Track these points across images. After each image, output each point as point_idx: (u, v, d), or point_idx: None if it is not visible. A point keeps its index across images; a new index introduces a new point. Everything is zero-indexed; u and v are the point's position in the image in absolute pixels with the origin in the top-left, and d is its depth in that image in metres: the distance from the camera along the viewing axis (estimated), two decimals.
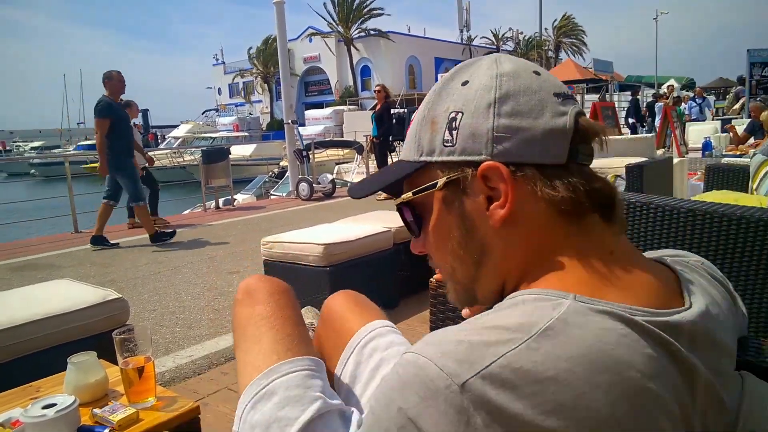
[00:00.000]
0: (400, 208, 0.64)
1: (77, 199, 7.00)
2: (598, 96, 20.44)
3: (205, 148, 10.21)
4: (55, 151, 38.72)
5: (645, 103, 15.82)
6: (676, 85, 21.52)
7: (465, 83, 0.58)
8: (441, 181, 0.58)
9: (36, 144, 50.01)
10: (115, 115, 5.18)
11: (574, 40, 48.76)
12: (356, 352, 0.94)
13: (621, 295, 0.50)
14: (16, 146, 50.49)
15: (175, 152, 22.54)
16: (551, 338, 0.45)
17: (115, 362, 1.58)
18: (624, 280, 0.52)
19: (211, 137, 27.48)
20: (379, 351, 0.92)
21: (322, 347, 1.01)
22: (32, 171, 30.20)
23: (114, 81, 5.23)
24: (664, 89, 19.63)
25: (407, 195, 0.61)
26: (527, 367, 0.43)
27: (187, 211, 9.59)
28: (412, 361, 0.46)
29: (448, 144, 0.56)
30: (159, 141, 35.28)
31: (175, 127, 35.05)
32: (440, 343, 0.47)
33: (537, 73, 0.57)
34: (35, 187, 25.17)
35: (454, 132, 0.56)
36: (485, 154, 0.54)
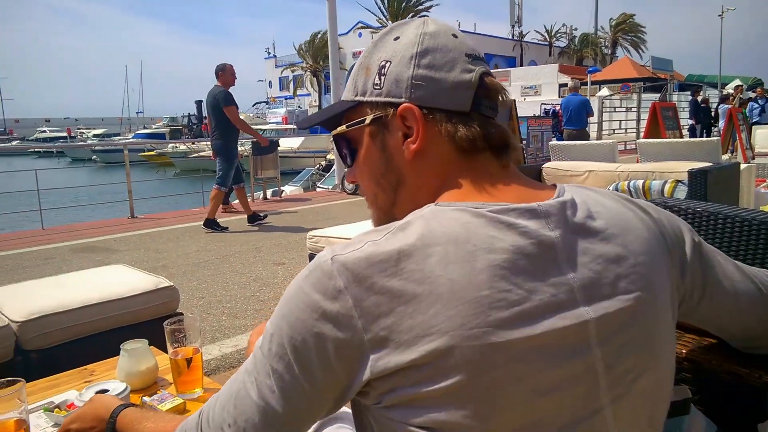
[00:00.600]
0: (336, 141, 0.73)
1: (133, 186, 7.25)
2: (658, 96, 19.66)
3: (254, 140, 10.38)
4: (115, 138, 40.48)
5: (715, 106, 14.94)
6: (743, 85, 20.41)
7: (396, 38, 0.68)
8: (369, 118, 0.68)
9: (98, 131, 52.49)
10: (234, 103, 5.58)
11: (632, 38, 47.00)
12: None
13: (482, 199, 0.62)
14: (80, 133, 53.10)
15: None
16: (406, 229, 0.57)
17: (165, 350, 1.62)
18: (492, 192, 0.64)
19: (261, 129, 28.01)
20: None
21: None
22: (93, 157, 31.68)
23: (227, 74, 5.65)
24: (729, 90, 18.65)
25: (342, 128, 0.72)
26: (383, 248, 0.56)
27: (235, 201, 9.80)
28: None
29: (377, 87, 0.67)
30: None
31: None
32: (335, 244, 0.62)
33: (455, 36, 0.68)
34: (96, 173, 26.40)
35: (383, 78, 0.67)
36: (404, 98, 0.65)
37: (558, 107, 14.33)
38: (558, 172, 4.80)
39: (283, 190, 9.92)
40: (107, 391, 1.22)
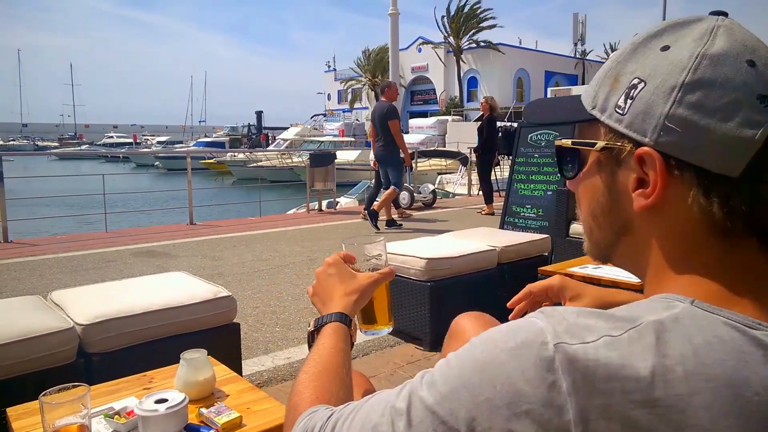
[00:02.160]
0: (558, 147, 0.63)
1: (194, 193, 7.48)
2: None
3: (312, 151, 10.55)
4: (177, 146, 42.30)
5: None
6: None
7: (665, 48, 0.51)
8: (600, 144, 0.56)
9: (162, 138, 55.08)
10: (398, 117, 6.38)
11: None
12: None
13: (750, 311, 0.47)
14: (145, 140, 55.90)
15: (284, 153, 23.69)
16: (656, 333, 0.44)
17: (223, 360, 1.62)
18: (757, 301, 0.48)
19: (318, 141, 28.54)
20: None
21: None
22: (156, 163, 33.15)
23: (392, 90, 6.45)
24: None
25: (567, 142, 0.61)
26: (625, 354, 0.43)
27: (291, 211, 9.97)
28: (522, 318, 0.49)
29: (619, 111, 0.53)
30: (270, 142, 37.33)
31: (285, 129, 36.88)
32: (551, 314, 0.48)
33: (751, 63, 0.48)
34: (158, 179, 27.62)
35: (629, 101, 0.52)
36: (649, 139, 0.50)
37: None
38: None
39: (338, 202, 10.01)
40: (166, 401, 1.22)
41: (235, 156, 27.41)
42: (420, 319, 2.86)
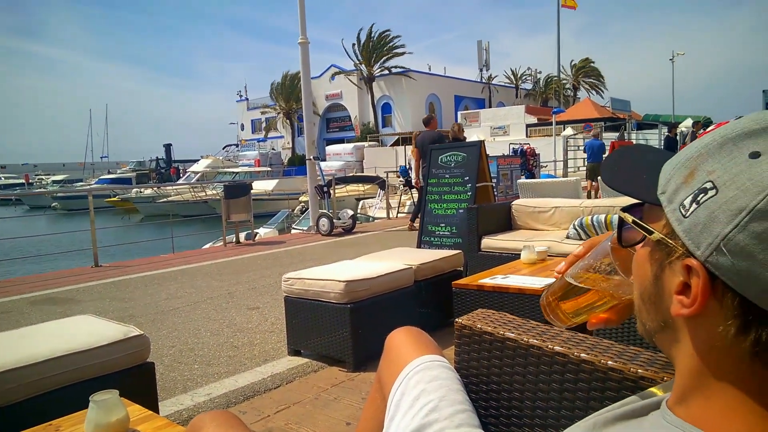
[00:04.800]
0: (620, 218, 0.60)
1: (97, 233, 7.08)
2: (617, 135, 20.41)
3: (226, 183, 10.35)
4: (77, 184, 39.64)
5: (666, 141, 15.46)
6: (690, 122, 21.39)
7: (754, 155, 0.45)
8: (655, 236, 0.53)
9: (58, 177, 51.16)
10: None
11: (592, 80, 49.04)
12: (404, 382, 1.00)
13: None
14: (39, 179, 51.71)
15: (196, 186, 22.97)
16: None
17: (137, 400, 1.57)
18: None
19: (232, 172, 27.94)
20: (422, 383, 0.98)
21: (381, 377, 1.08)
22: (54, 204, 30.91)
23: (434, 120, 7.65)
24: (682, 128, 19.48)
25: (628, 218, 0.57)
26: None
27: (207, 245, 9.69)
28: None
29: (683, 210, 0.48)
30: (181, 175, 36.05)
31: (196, 161, 35.80)
32: None
33: None
34: (56, 221, 25.74)
35: (695, 206, 0.47)
36: (699, 252, 0.46)
37: (526, 146, 14.75)
38: (526, 209, 4.91)
39: (257, 233, 9.84)
40: None
41: (141, 192, 26.14)
42: (342, 341, 2.90)
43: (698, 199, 0.47)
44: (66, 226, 18.49)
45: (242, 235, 8.67)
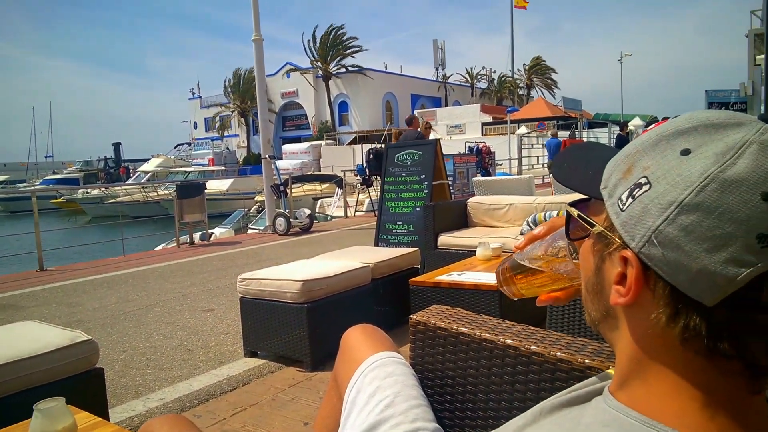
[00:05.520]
0: (568, 212, 0.62)
1: (42, 236, 6.77)
2: (568, 133, 21.02)
3: (179, 183, 10.09)
4: (20, 185, 37.73)
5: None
6: (638, 121, 22.27)
7: (685, 152, 0.47)
8: (596, 229, 0.55)
9: (0, 178, 48.54)
10: None
11: (545, 80, 50.35)
12: (359, 380, 1.00)
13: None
14: None
15: (148, 187, 22.30)
16: None
17: (86, 408, 1.52)
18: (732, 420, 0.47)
19: (185, 171, 27.25)
20: (377, 380, 0.98)
21: (337, 375, 1.08)
22: None
23: (416, 121, 7.93)
24: (631, 127, 20.24)
25: (573, 211, 0.59)
26: None
27: (160, 247, 9.43)
28: None
29: (620, 205, 0.50)
30: (131, 175, 34.90)
31: (146, 160, 34.71)
32: None
33: (767, 198, 0.43)
34: None
35: (630, 200, 0.49)
36: (633, 245, 0.48)
37: (481, 145, 15.01)
38: (482, 206, 5.00)
39: (212, 234, 9.64)
40: None
41: (88, 192, 25.11)
42: (299, 341, 2.88)
43: (634, 193, 0.49)
44: (8, 229, 17.58)
45: (196, 236, 8.48)
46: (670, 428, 0.47)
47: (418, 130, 7.80)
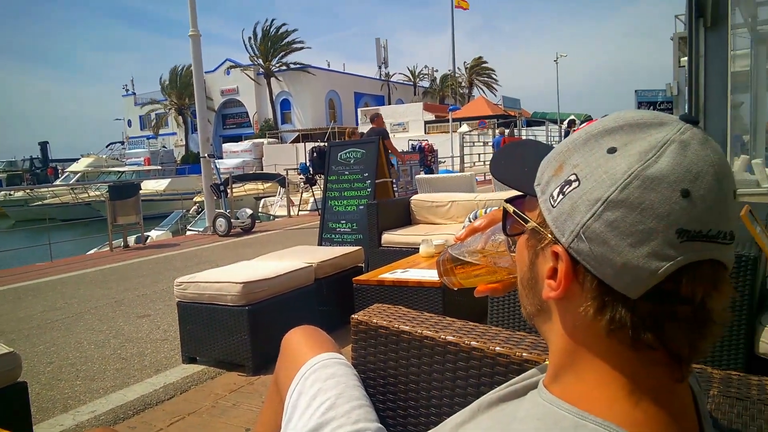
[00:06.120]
0: (504, 209, 0.62)
1: None
2: (507, 131, 21.64)
3: (111, 183, 9.63)
4: None
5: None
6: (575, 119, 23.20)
7: (611, 150, 0.48)
8: (530, 225, 0.56)
9: None
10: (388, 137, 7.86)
11: (486, 79, 51.55)
12: (300, 383, 0.98)
13: (630, 419, 0.48)
14: None
15: (78, 188, 21.18)
16: None
17: (8, 425, 1.41)
18: (640, 409, 0.49)
19: (118, 171, 26.09)
20: (319, 381, 0.97)
21: (278, 379, 1.06)
22: None
23: (380, 118, 8.05)
24: (565, 125, 21.06)
25: (509, 207, 0.60)
26: None
27: (92, 251, 8.97)
28: None
29: (552, 201, 0.52)
30: (59, 175, 33.04)
31: (76, 160, 32.94)
32: None
33: (686, 193, 0.45)
34: None
35: (561, 196, 0.50)
36: (563, 240, 0.50)
37: (424, 143, 15.21)
38: (425, 203, 5.05)
39: (148, 236, 9.27)
40: None
41: (11, 194, 23.56)
42: (240, 345, 2.80)
43: (564, 190, 0.50)
44: None
45: (131, 239, 8.13)
46: (600, 419, 0.48)
47: (383, 128, 7.99)
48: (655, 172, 0.46)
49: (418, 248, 3.46)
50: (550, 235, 0.52)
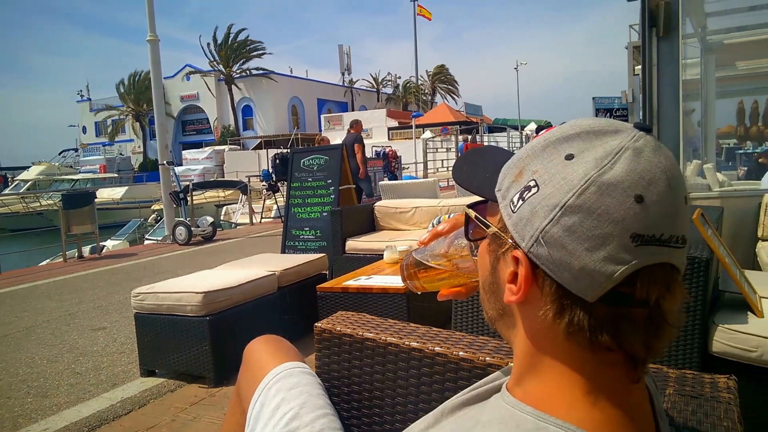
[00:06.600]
0: (467, 214, 0.62)
1: None
2: (469, 137, 21.94)
3: (65, 192, 9.30)
4: None
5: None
6: (534, 126, 23.75)
7: (569, 157, 0.49)
8: (491, 230, 0.56)
9: None
10: (363, 144, 8.52)
11: (448, 86, 52.21)
12: (263, 393, 0.97)
13: (587, 421, 0.49)
14: None
15: (29, 196, 20.34)
16: None
17: None
18: (593, 410, 0.50)
19: (72, 179, 25.21)
20: (282, 391, 0.96)
21: (240, 390, 1.05)
22: None
23: (359, 124, 8.60)
24: (527, 131, 21.53)
25: (471, 213, 0.60)
26: None
27: (45, 262, 8.62)
28: None
29: (512, 206, 0.52)
30: (8, 184, 31.66)
31: (26, 168, 31.67)
32: None
33: (640, 199, 0.46)
34: None
35: (521, 202, 0.51)
36: (524, 245, 0.50)
37: (388, 149, 15.27)
38: (388, 210, 5.06)
39: (104, 246, 8.97)
40: None
41: None
42: (201, 356, 2.73)
43: (524, 195, 0.51)
44: None
45: (86, 249, 7.85)
46: (560, 420, 0.49)
47: (359, 134, 8.39)
48: (610, 178, 0.47)
49: (383, 255, 3.46)
50: (510, 240, 0.53)
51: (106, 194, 19.69)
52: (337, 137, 22.08)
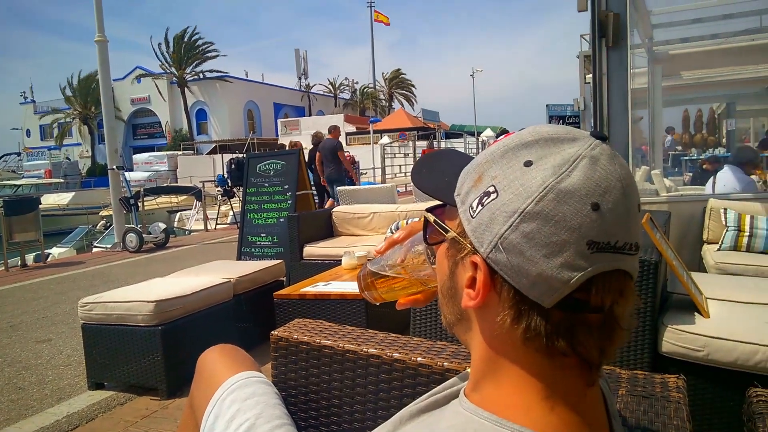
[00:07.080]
0: (426, 218, 0.62)
1: None
2: (426, 143, 22.17)
3: (6, 198, 8.85)
4: None
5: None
6: (490, 132, 24.19)
7: (528, 164, 0.49)
8: (450, 235, 0.56)
9: None
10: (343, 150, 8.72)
11: (405, 92, 52.59)
12: (217, 405, 0.95)
13: (542, 424, 0.50)
14: None
15: None
16: None
17: None
18: (552, 412, 0.50)
19: (14, 185, 24.08)
20: (237, 402, 0.94)
21: (193, 401, 1.03)
22: None
23: (337, 130, 8.67)
24: (483, 137, 21.91)
25: (430, 217, 0.60)
26: None
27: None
28: None
29: (471, 212, 0.52)
30: None
31: None
32: None
33: (596, 207, 0.47)
34: None
35: (480, 207, 0.51)
36: (482, 250, 0.50)
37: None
38: (346, 215, 5.04)
39: (49, 254, 8.58)
40: None
41: None
42: (152, 367, 2.63)
43: (483, 201, 0.51)
44: None
45: (30, 257, 7.50)
46: (518, 425, 0.49)
47: (339, 140, 8.54)
48: (567, 186, 0.47)
49: (341, 260, 3.44)
50: (469, 245, 0.53)
51: (51, 200, 18.89)
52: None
